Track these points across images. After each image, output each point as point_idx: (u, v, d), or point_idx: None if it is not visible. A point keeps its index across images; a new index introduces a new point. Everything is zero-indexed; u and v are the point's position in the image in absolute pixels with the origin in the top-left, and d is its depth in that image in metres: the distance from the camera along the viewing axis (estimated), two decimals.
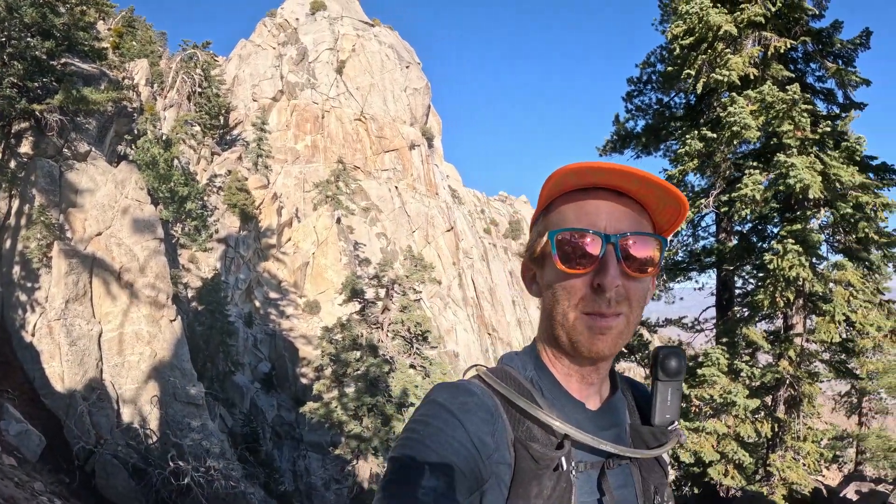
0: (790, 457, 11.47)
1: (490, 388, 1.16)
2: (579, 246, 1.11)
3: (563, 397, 1.18)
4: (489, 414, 1.10)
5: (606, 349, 1.12)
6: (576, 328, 1.12)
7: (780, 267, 11.06)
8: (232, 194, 38.01)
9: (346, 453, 23.31)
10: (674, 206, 1.15)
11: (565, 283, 1.13)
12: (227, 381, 28.74)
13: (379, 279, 25.03)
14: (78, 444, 13.03)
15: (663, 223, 1.20)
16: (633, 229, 1.13)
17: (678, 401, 1.27)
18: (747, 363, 12.27)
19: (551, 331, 1.17)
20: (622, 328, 1.12)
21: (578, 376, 1.19)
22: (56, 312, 14.42)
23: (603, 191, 1.14)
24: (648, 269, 1.13)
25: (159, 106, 39.79)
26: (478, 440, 1.05)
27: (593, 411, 1.20)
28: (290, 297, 40.55)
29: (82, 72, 16.97)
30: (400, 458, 1.00)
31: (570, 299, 1.12)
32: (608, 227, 1.11)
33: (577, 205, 1.15)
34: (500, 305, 57.01)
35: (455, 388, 1.14)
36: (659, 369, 1.26)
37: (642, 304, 1.16)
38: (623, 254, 1.10)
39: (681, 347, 1.29)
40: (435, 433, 1.03)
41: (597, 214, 1.13)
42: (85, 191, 16.22)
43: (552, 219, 1.18)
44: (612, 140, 16.19)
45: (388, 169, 52.44)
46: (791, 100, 10.90)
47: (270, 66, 52.86)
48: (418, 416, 1.09)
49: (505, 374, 1.20)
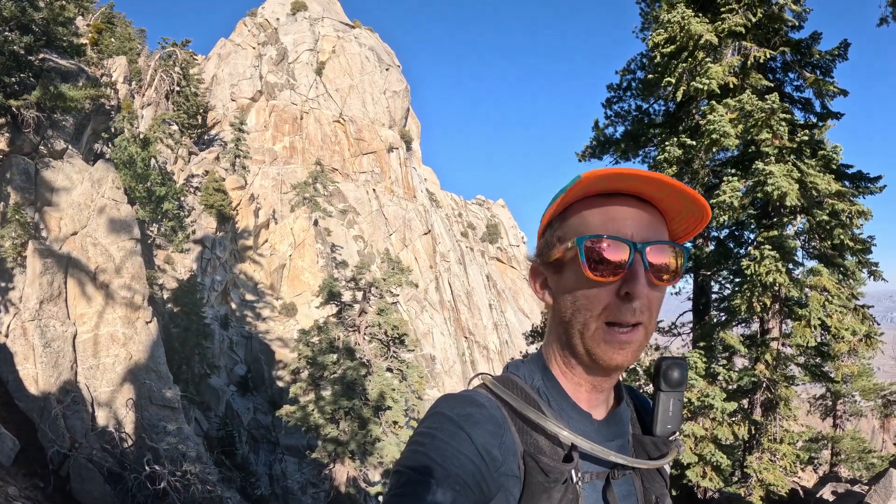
0: (767, 458, 11.63)
1: (496, 398, 1.15)
2: (608, 253, 1.08)
3: (569, 407, 1.17)
4: (497, 426, 1.09)
5: (626, 362, 1.11)
6: (595, 339, 1.10)
7: (757, 272, 11.23)
8: (209, 195, 37.61)
9: (322, 457, 23.15)
10: (696, 215, 1.14)
11: (589, 292, 1.11)
12: (202, 383, 28.40)
13: (356, 282, 24.92)
14: (52, 447, 12.76)
15: (679, 231, 1.19)
16: (656, 237, 1.12)
17: (680, 411, 1.26)
18: (724, 367, 12.45)
19: (567, 339, 1.16)
20: (641, 340, 1.11)
21: (589, 386, 1.18)
22: (30, 313, 14.12)
23: (625, 196, 1.12)
24: (668, 278, 1.12)
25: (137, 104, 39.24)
26: (485, 453, 1.03)
27: (599, 421, 1.20)
28: (267, 300, 40.23)
29: (60, 68, 16.66)
30: (405, 471, 0.98)
31: (594, 308, 1.10)
32: (635, 234, 1.10)
33: (602, 210, 1.12)
34: (476, 309, 57.10)
35: (461, 399, 1.12)
36: (661, 380, 1.24)
37: (658, 313, 1.15)
38: (649, 262, 1.09)
39: (683, 358, 1.30)
40: (441, 446, 1.01)
41: (624, 221, 1.11)
42: (61, 189, 15.92)
43: (573, 224, 1.15)
44: (591, 146, 16.30)
45: (367, 171, 52.34)
46: (770, 109, 11.09)
47: (250, 65, 52.49)
48: (424, 428, 1.07)
49: (511, 382, 1.19)
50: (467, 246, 64.20)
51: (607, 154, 16.20)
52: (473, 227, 71.16)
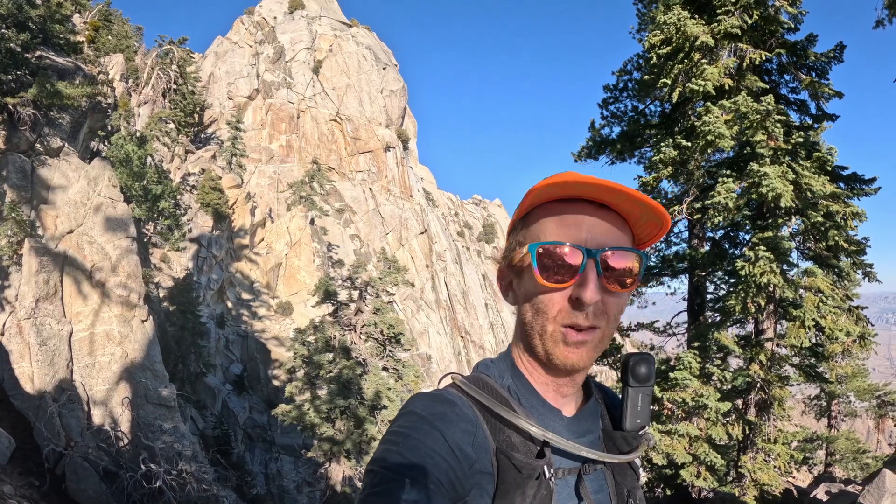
0: (761, 458, 11.69)
1: (467, 397, 1.16)
2: (560, 259, 1.10)
3: (539, 405, 1.19)
4: (469, 423, 1.10)
5: (581, 362, 1.13)
6: (553, 340, 1.13)
7: (752, 273, 11.27)
8: (205, 193, 37.54)
9: (318, 456, 23.13)
10: (655, 221, 1.15)
11: (545, 297, 1.13)
12: (198, 382, 28.35)
13: (352, 281, 24.90)
14: (48, 446, 12.73)
15: (643, 235, 1.20)
16: (615, 243, 1.12)
17: (648, 406, 1.28)
18: (719, 367, 12.49)
19: (528, 340, 1.18)
20: (597, 342, 1.13)
21: (555, 385, 1.20)
22: (26, 311, 14.10)
23: (584, 203, 1.13)
24: (628, 283, 1.13)
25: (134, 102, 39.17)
26: (459, 451, 1.04)
27: (569, 418, 1.22)
28: (263, 299, 40.16)
29: (57, 65, 16.62)
30: (379, 471, 0.99)
31: (549, 312, 1.12)
32: (589, 240, 1.11)
33: (559, 217, 1.14)
34: (472, 308, 57.11)
35: (434, 398, 1.14)
36: (629, 375, 1.26)
37: (619, 317, 1.17)
38: (603, 268, 1.10)
39: (650, 353, 1.32)
40: (414, 445, 1.02)
41: (578, 227, 1.12)
42: (57, 187, 15.91)
43: (532, 229, 1.17)
44: (587, 146, 16.31)
45: (363, 170, 52.27)
46: (765, 110, 11.13)
47: (247, 64, 52.35)
48: (396, 427, 1.07)
49: (482, 382, 1.20)
50: (463, 245, 64.21)
51: (603, 154, 16.22)
52: (470, 226, 71.17)
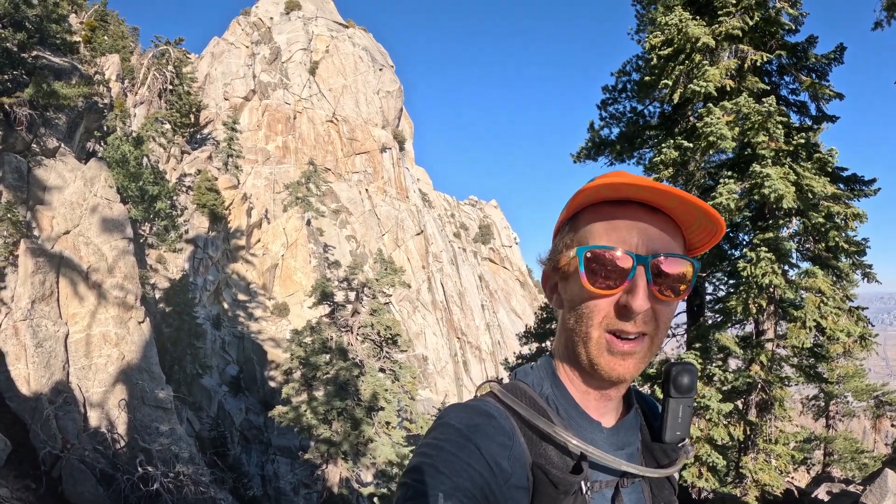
0: (762, 459, 11.70)
1: (505, 407, 1.13)
2: (608, 264, 1.06)
3: (578, 416, 1.15)
4: (506, 436, 1.07)
5: (627, 373, 1.09)
6: (598, 348, 1.09)
7: (753, 274, 11.27)
8: (202, 194, 37.45)
9: (315, 457, 23.11)
10: (709, 227, 1.11)
11: (591, 303, 1.09)
12: (194, 384, 28.26)
13: (349, 282, 24.89)
14: (44, 449, 12.65)
15: (696, 241, 1.16)
16: (666, 249, 1.08)
17: (689, 418, 1.24)
18: (720, 368, 12.49)
19: (572, 347, 1.14)
20: (645, 352, 1.09)
21: (597, 394, 1.17)
22: (22, 313, 14.01)
23: (635, 205, 1.10)
24: (680, 290, 1.09)
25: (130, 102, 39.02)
26: (494, 465, 1.01)
27: (609, 429, 1.18)
28: (259, 300, 40.10)
29: (53, 65, 16.54)
30: (412, 483, 0.97)
31: (594, 317, 1.09)
32: (640, 246, 1.07)
33: (609, 221, 1.10)
34: (469, 309, 57.17)
35: (470, 409, 1.11)
36: (671, 386, 1.22)
37: (668, 325, 1.13)
38: (654, 274, 1.06)
39: (693, 363, 1.27)
40: (448, 458, 0.99)
41: (629, 232, 1.08)
42: (53, 188, 15.81)
43: (580, 233, 1.13)
44: (586, 147, 16.31)
45: (359, 171, 52.29)
46: (766, 111, 11.13)
47: (243, 64, 52.33)
48: (431, 438, 1.05)
49: (520, 390, 1.17)
50: (460, 246, 64.26)
51: (602, 155, 16.22)
52: (466, 227, 71.26)
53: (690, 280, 1.10)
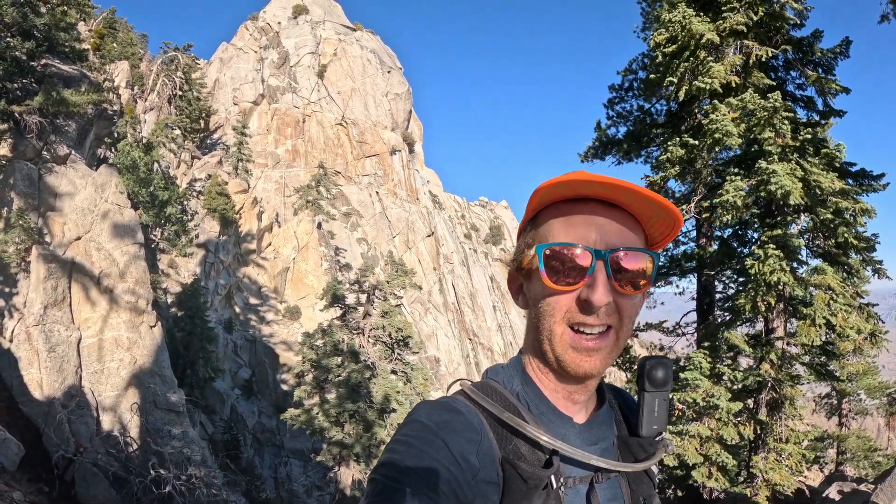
0: (773, 458, 11.60)
1: (475, 404, 1.14)
2: (568, 261, 1.08)
3: (550, 412, 1.16)
4: (474, 432, 1.08)
5: (594, 370, 1.10)
6: (562, 344, 1.10)
7: (762, 272, 11.19)
8: (212, 199, 37.66)
9: (327, 460, 23.14)
10: (667, 220, 1.12)
11: (552, 299, 1.11)
12: (207, 387, 28.41)
13: (360, 284, 24.91)
14: (57, 452, 12.77)
15: (656, 235, 1.17)
16: (625, 243, 1.09)
17: (665, 411, 1.25)
18: (729, 367, 12.40)
19: (538, 345, 1.16)
20: (610, 347, 1.11)
21: (565, 392, 1.17)
22: (34, 318, 14.16)
23: (594, 202, 1.11)
24: (641, 284, 1.10)
25: (140, 109, 39.32)
26: (462, 460, 1.02)
27: (581, 425, 1.19)
28: (271, 303, 40.24)
29: (63, 73, 16.70)
30: (380, 479, 0.97)
31: (556, 314, 1.10)
32: (598, 241, 1.08)
33: (567, 218, 1.11)
34: (480, 311, 57.07)
35: (438, 406, 1.12)
36: (646, 380, 1.23)
37: (633, 319, 1.14)
38: (614, 269, 1.07)
39: (667, 357, 1.28)
40: (417, 454, 1.00)
41: (587, 228, 1.09)
42: (64, 194, 15.97)
43: (540, 231, 1.15)
44: (593, 146, 16.27)
45: (369, 174, 52.34)
46: (772, 107, 11.05)
47: (252, 69, 52.56)
48: (400, 435, 1.06)
49: (490, 388, 1.18)
50: (471, 248, 64.19)
51: (610, 154, 16.19)
52: (477, 228, 71.18)
53: (651, 274, 1.11)
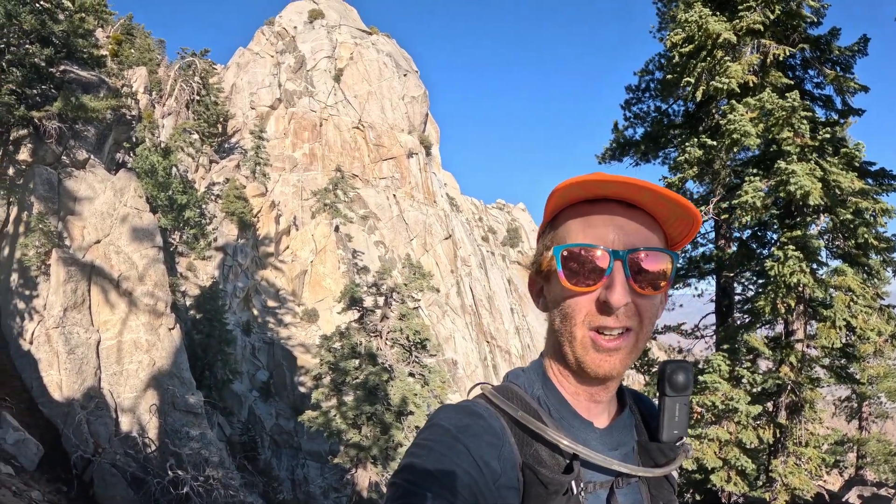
0: (792, 462, 11.44)
1: (496, 408, 1.13)
2: (586, 262, 1.07)
3: (570, 416, 1.15)
4: (495, 436, 1.07)
5: (613, 370, 1.09)
6: (583, 347, 1.09)
7: (781, 273, 11.06)
8: (230, 202, 37.99)
9: (345, 462, 23.20)
10: (686, 219, 1.11)
11: (571, 301, 1.10)
12: (225, 389, 28.63)
13: (377, 287, 24.96)
14: (76, 452, 12.94)
15: (675, 235, 1.16)
16: (644, 244, 1.09)
17: (686, 416, 1.24)
18: (748, 369, 12.25)
19: (558, 348, 1.15)
20: (630, 348, 1.09)
21: (587, 395, 1.16)
22: (54, 320, 14.35)
23: (612, 203, 1.10)
24: (660, 284, 1.10)
25: (158, 114, 39.82)
26: (483, 465, 1.02)
27: (601, 430, 1.18)
28: (289, 306, 40.46)
29: (81, 79, 16.95)
30: (401, 483, 0.97)
31: (576, 316, 1.09)
32: (616, 241, 1.07)
33: (585, 218, 1.11)
34: (498, 313, 56.92)
35: (460, 410, 1.11)
36: (666, 384, 1.22)
37: (654, 320, 1.13)
38: (633, 270, 1.07)
39: (688, 361, 1.26)
40: (438, 458, 0.99)
41: (604, 228, 1.09)
42: (84, 198, 16.19)
43: (559, 232, 1.15)
44: (610, 148, 16.19)
45: (387, 177, 52.46)
46: (790, 107, 10.93)
47: (268, 74, 52.95)
48: (421, 439, 1.05)
49: (511, 392, 1.17)
50: (488, 250, 64.10)
51: (627, 156, 16.10)
52: (494, 231, 71.10)
53: (670, 274, 1.11)
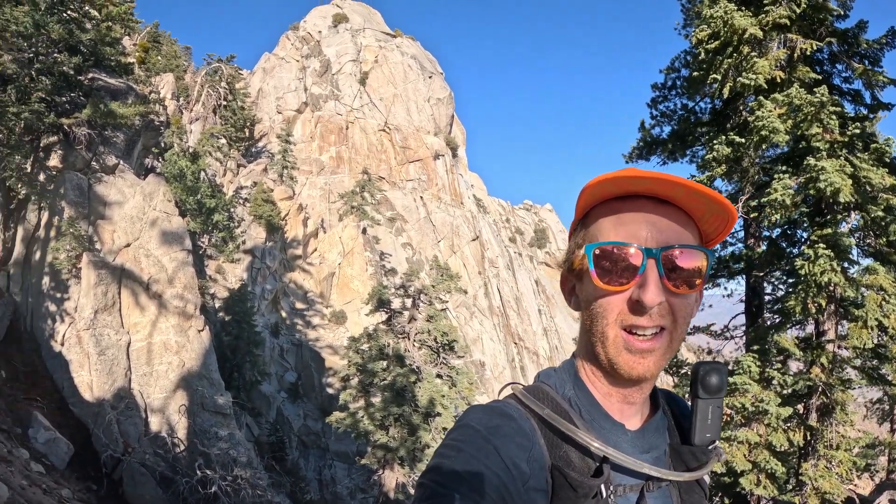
0: (823, 466, 11.17)
1: (526, 409, 1.12)
2: (619, 260, 1.05)
3: (602, 418, 1.13)
4: (525, 438, 1.06)
5: (647, 372, 1.07)
6: (615, 347, 1.07)
7: (812, 272, 10.81)
8: (258, 206, 38.46)
9: (372, 463, 23.28)
10: (721, 216, 1.08)
11: (604, 300, 1.07)
12: (253, 390, 28.96)
13: (405, 289, 25.01)
14: (106, 452, 13.19)
15: (710, 231, 1.13)
16: (678, 241, 1.06)
17: (719, 419, 1.21)
18: (779, 371, 12.01)
19: (590, 348, 1.13)
20: (664, 349, 1.07)
21: (619, 396, 1.14)
22: (85, 322, 14.65)
23: (644, 199, 1.08)
24: (695, 282, 1.06)
25: (185, 119, 40.48)
26: (513, 466, 1.00)
27: (633, 432, 1.16)
28: (317, 308, 40.80)
29: (109, 86, 17.29)
30: (429, 484, 0.96)
31: (608, 315, 1.07)
32: (650, 239, 1.05)
33: (617, 216, 1.08)
34: (526, 314, 56.74)
35: (490, 411, 1.10)
36: (699, 386, 1.19)
37: (688, 320, 1.10)
38: (667, 268, 1.04)
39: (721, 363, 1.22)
40: (467, 459, 0.98)
41: (637, 226, 1.06)
42: (113, 203, 16.50)
43: (590, 230, 1.12)
44: (637, 147, 16.00)
45: (413, 179, 52.64)
46: (819, 102, 10.69)
47: (294, 78, 53.51)
48: (450, 440, 1.04)
49: (542, 392, 1.16)
50: (515, 251, 63.94)
51: (654, 155, 15.89)
52: (521, 232, 70.91)
53: (705, 272, 1.08)
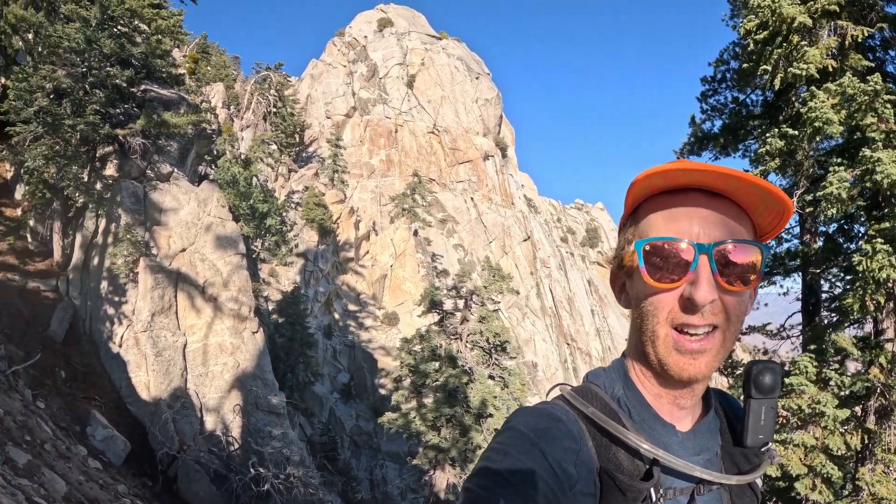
0: (880, 470, 10.68)
1: (575, 410, 1.10)
2: (669, 256, 1.02)
3: (652, 419, 1.11)
4: (573, 441, 1.04)
5: (699, 374, 1.04)
6: (665, 347, 1.04)
7: (870, 268, 10.36)
8: (310, 210, 39.13)
9: (423, 463, 23.35)
10: (776, 208, 1.04)
11: (654, 298, 1.05)
12: (306, 391, 29.43)
13: (457, 290, 25.01)
14: (162, 449, 13.63)
15: (765, 225, 1.09)
16: (731, 235, 1.02)
17: (772, 420, 1.16)
18: (836, 371, 11.55)
19: (640, 347, 1.10)
20: (717, 349, 1.03)
21: (670, 398, 1.11)
22: (142, 325, 15.19)
23: (695, 193, 1.04)
24: (750, 278, 1.03)
25: (236, 127, 41.55)
26: (560, 470, 0.99)
27: (684, 433, 1.13)
28: (369, 309, 41.21)
29: (162, 97, 17.91)
30: (475, 489, 0.95)
31: (659, 314, 1.04)
32: (702, 234, 1.02)
33: (667, 211, 1.06)
34: (578, 315, 56.05)
35: (537, 413, 1.08)
36: (752, 386, 1.14)
37: (742, 318, 1.06)
38: (719, 264, 1.00)
39: (775, 362, 1.18)
40: (513, 463, 0.97)
41: (689, 220, 1.03)
42: (169, 209, 17.07)
43: (640, 226, 1.09)
44: (688, 142, 15.65)
45: (463, 180, 52.67)
46: (873, 91, 10.24)
47: (342, 83, 54.23)
48: (496, 443, 1.03)
49: (591, 393, 1.13)
50: (567, 251, 63.27)
51: (706, 150, 15.50)
52: (573, 231, 70.14)
53: (760, 267, 1.04)
